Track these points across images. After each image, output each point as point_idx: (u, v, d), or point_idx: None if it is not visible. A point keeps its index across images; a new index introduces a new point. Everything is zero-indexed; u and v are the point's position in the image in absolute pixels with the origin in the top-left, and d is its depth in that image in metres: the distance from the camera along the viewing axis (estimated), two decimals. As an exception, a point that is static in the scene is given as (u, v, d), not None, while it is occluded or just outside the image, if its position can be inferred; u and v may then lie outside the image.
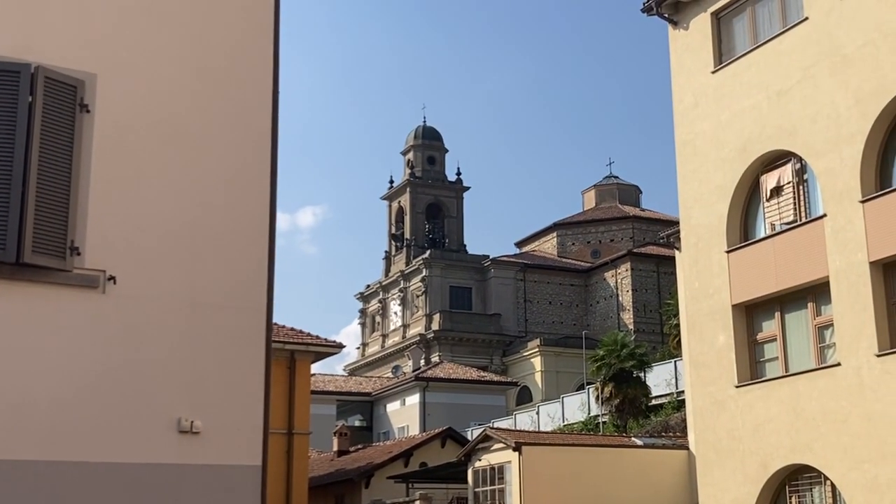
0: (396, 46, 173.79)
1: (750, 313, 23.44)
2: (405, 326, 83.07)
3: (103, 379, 9.62)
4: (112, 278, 9.75)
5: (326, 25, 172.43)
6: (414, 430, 59.78)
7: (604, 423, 46.57)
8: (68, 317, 9.56)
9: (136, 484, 9.62)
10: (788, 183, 22.80)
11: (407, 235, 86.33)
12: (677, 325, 38.61)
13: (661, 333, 67.60)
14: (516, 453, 31.96)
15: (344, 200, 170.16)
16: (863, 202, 20.62)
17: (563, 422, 51.96)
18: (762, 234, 23.35)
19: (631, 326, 74.56)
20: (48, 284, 9.47)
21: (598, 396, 45.32)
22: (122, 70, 10.25)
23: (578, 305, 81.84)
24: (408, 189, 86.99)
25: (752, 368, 23.20)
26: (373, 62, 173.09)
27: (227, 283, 10.43)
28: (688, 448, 32.37)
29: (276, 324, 30.79)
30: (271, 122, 11.09)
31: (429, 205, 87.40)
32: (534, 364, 73.78)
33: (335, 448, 48.97)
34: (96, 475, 9.45)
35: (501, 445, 33.07)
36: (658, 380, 46.45)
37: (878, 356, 19.98)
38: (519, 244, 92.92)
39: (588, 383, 52.30)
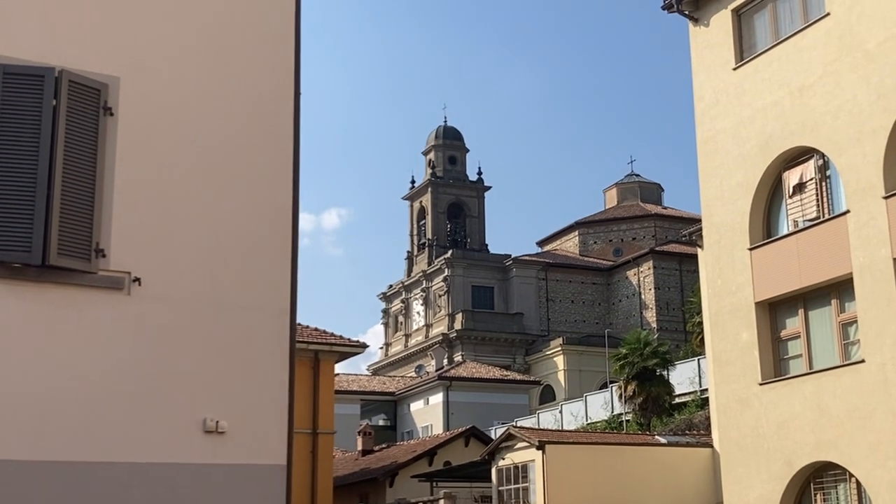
0: (417, 47, 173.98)
1: (773, 310, 23.36)
2: (428, 326, 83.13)
3: (129, 380, 9.70)
4: (137, 280, 9.83)
5: (349, 30, 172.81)
6: (437, 429, 59.85)
7: (627, 421, 46.49)
8: (94, 318, 9.64)
9: (163, 484, 9.68)
10: (811, 179, 22.72)
11: (429, 235, 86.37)
12: (700, 323, 38.51)
13: (683, 331, 67.42)
14: (540, 452, 31.97)
15: (368, 201, 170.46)
16: (886, 198, 20.50)
17: (587, 420, 51.90)
18: (785, 231, 23.27)
19: (654, 325, 74.39)
20: (74, 286, 9.55)
21: (621, 395, 45.26)
22: (145, 73, 10.32)
23: (601, 304, 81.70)
24: (429, 189, 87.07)
25: (775, 366, 23.12)
26: (394, 63, 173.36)
27: (251, 284, 10.49)
28: (712, 446, 32.30)
29: (300, 324, 30.95)
30: (293, 123, 11.14)
31: (450, 204, 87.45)
32: (556, 363, 73.68)
33: (359, 447, 49.07)
34: (123, 475, 9.52)
35: (525, 444, 33.08)
36: (681, 378, 46.35)
37: (903, 352, 19.89)
38: (540, 243, 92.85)
39: (611, 382, 52.23)
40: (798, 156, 23.03)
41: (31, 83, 9.57)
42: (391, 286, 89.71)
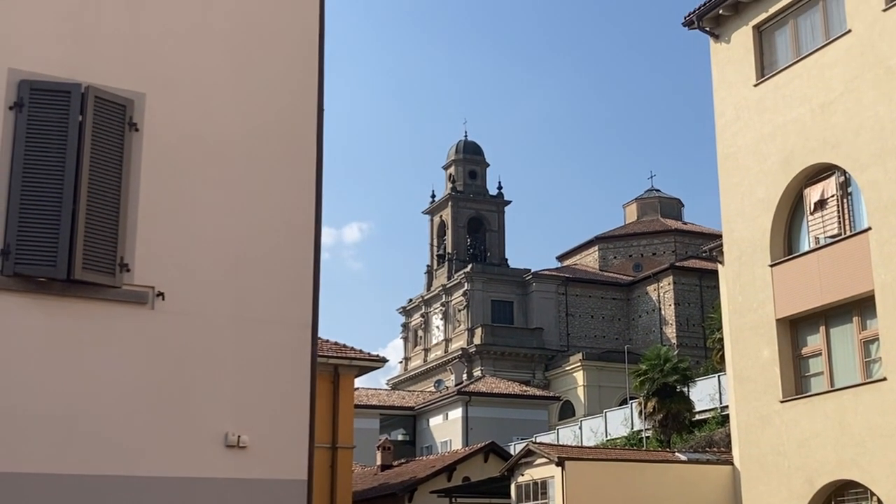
0: (438, 63, 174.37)
1: (794, 327, 23.28)
2: (447, 340, 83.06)
3: (151, 393, 9.76)
4: (161, 294, 9.90)
5: (371, 44, 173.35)
6: (457, 444, 59.71)
7: (647, 437, 46.32)
8: (118, 332, 9.72)
9: (184, 498, 9.72)
10: (832, 196, 22.67)
11: (449, 249, 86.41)
12: (721, 340, 38.35)
13: (704, 348, 67.13)
14: (559, 468, 31.87)
15: (389, 216, 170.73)
16: (908, 215, 20.46)
17: (606, 437, 51.72)
18: (806, 248, 23.21)
19: (674, 341, 74.11)
20: (98, 301, 9.63)
21: (641, 411, 45.09)
22: (170, 89, 10.42)
23: (620, 319, 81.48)
24: (449, 203, 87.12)
25: (796, 383, 23.04)
26: (416, 78, 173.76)
27: (274, 298, 10.55)
28: (732, 463, 32.15)
29: (320, 338, 30.97)
30: (316, 138, 11.22)
31: (470, 219, 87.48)
32: (576, 378, 73.47)
33: (378, 462, 49.01)
34: (144, 489, 9.57)
35: (544, 460, 32.99)
36: (702, 394, 46.13)
37: (925, 370, 19.80)
38: (560, 258, 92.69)
39: (631, 398, 52.04)
40: (819, 172, 22.99)
41: (58, 99, 9.69)
42: (411, 300, 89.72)
